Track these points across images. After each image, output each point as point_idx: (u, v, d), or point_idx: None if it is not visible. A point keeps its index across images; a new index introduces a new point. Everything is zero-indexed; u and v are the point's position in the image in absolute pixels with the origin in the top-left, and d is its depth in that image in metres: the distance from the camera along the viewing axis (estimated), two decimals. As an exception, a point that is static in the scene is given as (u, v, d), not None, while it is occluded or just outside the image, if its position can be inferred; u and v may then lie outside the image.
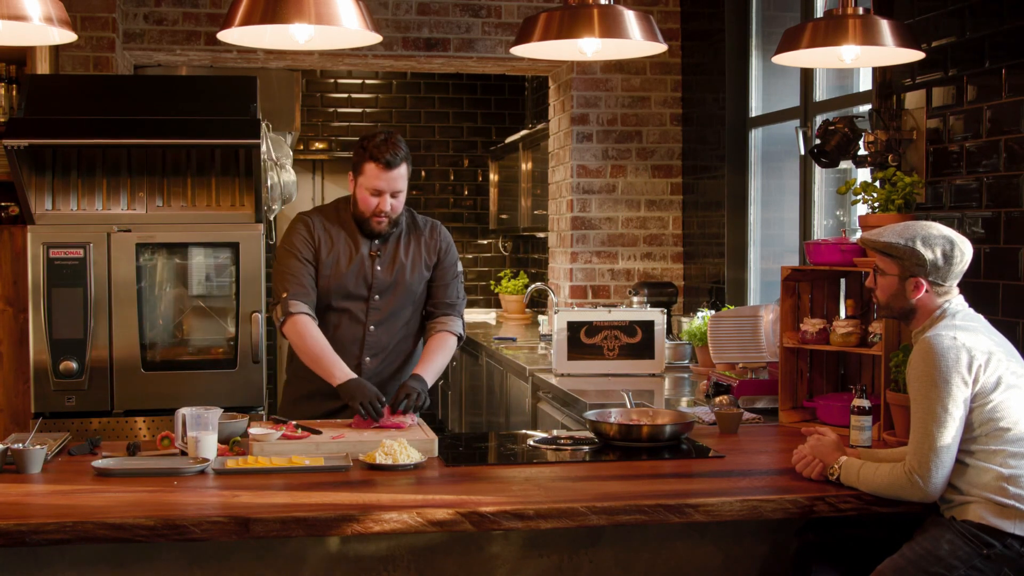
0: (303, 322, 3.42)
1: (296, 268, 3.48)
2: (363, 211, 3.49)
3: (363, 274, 3.53)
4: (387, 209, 3.48)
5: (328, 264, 3.51)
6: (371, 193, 3.46)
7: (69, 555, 2.63)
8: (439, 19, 5.68)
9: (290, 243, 3.53)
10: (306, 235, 3.53)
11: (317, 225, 3.55)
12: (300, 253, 3.50)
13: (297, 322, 3.42)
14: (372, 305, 3.55)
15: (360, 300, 3.54)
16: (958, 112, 3.56)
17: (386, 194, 3.46)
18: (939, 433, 2.59)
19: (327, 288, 3.52)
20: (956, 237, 2.80)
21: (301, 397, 3.58)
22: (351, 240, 3.55)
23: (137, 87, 4.86)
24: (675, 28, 5.85)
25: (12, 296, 4.75)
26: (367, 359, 3.55)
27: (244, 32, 3.03)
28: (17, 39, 3.08)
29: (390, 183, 3.45)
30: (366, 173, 3.45)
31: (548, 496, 2.66)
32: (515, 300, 7.79)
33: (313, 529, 2.49)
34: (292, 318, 3.42)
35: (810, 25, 3.38)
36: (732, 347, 4.18)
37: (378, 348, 3.58)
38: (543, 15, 3.25)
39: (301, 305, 3.44)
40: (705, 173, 5.65)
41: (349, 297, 3.54)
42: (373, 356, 3.57)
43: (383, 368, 3.59)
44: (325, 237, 3.54)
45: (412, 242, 3.62)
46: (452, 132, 8.61)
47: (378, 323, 3.56)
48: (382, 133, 3.52)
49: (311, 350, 3.42)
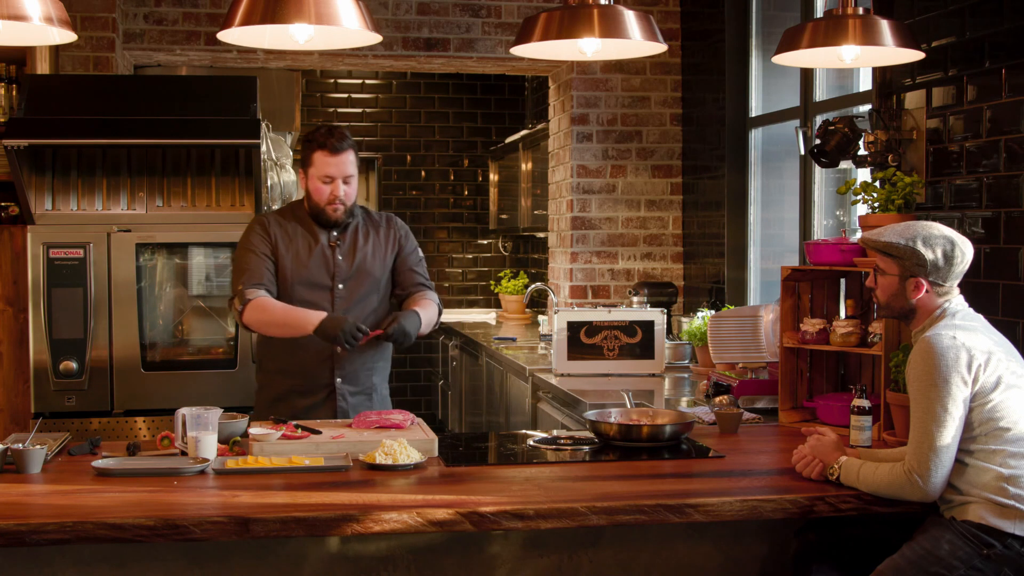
0: (261, 301, 3.45)
1: (251, 261, 3.52)
2: (318, 201, 3.54)
3: (325, 264, 3.57)
4: (341, 195, 3.52)
5: (288, 257, 3.55)
6: (323, 181, 3.51)
7: (69, 555, 2.63)
8: (439, 19, 5.68)
9: (246, 241, 3.57)
10: (261, 232, 3.57)
11: (272, 223, 3.60)
12: (256, 248, 3.54)
13: (255, 304, 3.45)
14: (337, 294, 3.58)
15: (324, 290, 3.57)
16: (958, 112, 3.56)
17: (338, 180, 3.51)
18: (939, 433, 2.59)
19: (290, 281, 3.54)
20: (957, 237, 2.80)
21: (274, 400, 3.58)
22: (309, 233, 3.59)
23: (137, 87, 4.87)
24: (675, 28, 5.85)
25: (12, 296, 4.75)
26: (338, 348, 3.57)
27: (244, 32, 3.03)
28: (17, 39, 3.08)
29: (340, 168, 3.50)
30: (315, 163, 3.51)
31: (548, 496, 2.65)
32: (515, 300, 7.79)
33: (313, 529, 2.49)
34: (250, 304, 3.45)
35: (810, 25, 3.38)
36: (732, 347, 4.18)
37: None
38: (543, 15, 3.25)
39: (256, 291, 3.47)
40: (705, 173, 5.65)
41: (313, 287, 3.56)
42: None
43: (354, 357, 3.61)
44: (282, 233, 3.58)
45: (371, 233, 3.66)
46: (452, 132, 8.61)
47: (346, 311, 3.58)
48: (324, 126, 3.60)
49: (277, 317, 3.45)
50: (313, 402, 3.56)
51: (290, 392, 3.57)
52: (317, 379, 3.56)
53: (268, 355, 3.64)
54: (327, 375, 3.56)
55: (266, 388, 3.63)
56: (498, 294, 8.17)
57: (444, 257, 8.64)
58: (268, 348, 3.63)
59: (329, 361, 3.55)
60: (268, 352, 3.64)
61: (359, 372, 3.63)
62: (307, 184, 3.55)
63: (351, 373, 3.60)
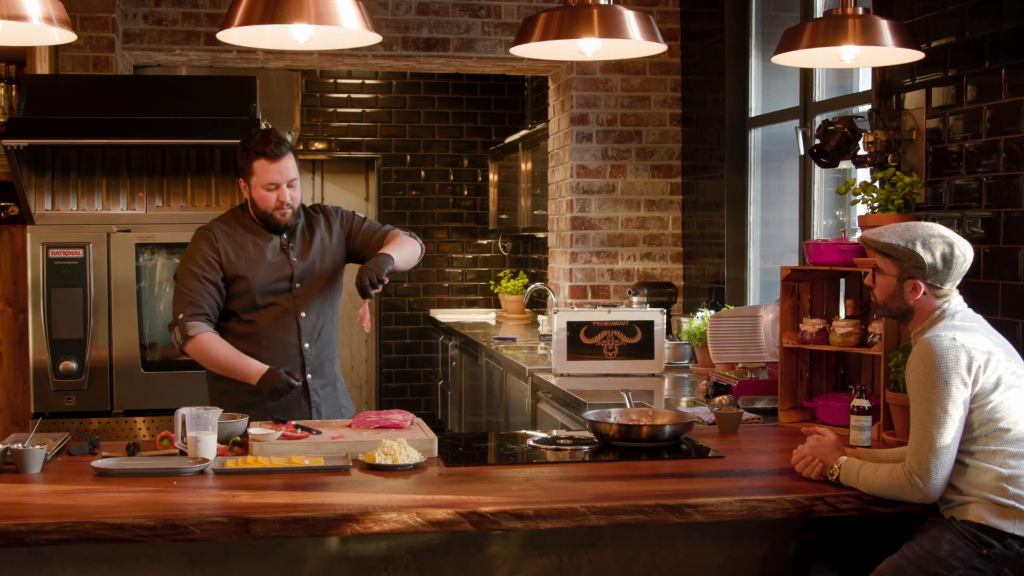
0: (203, 339, 3.43)
1: (193, 287, 3.47)
2: (265, 208, 3.51)
3: (281, 267, 3.56)
4: (287, 199, 3.50)
5: (242, 266, 3.52)
6: (267, 188, 3.48)
7: (69, 555, 2.64)
8: (439, 19, 5.68)
9: (190, 259, 3.52)
10: (207, 249, 3.52)
11: (219, 235, 3.55)
12: (200, 270, 3.48)
13: (198, 341, 3.42)
14: (296, 293, 3.58)
15: (284, 292, 3.57)
16: (958, 112, 3.56)
17: (282, 185, 3.49)
18: (939, 434, 2.59)
19: (249, 289, 3.52)
20: (957, 240, 2.79)
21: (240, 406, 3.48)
22: (259, 240, 3.57)
23: (137, 87, 4.87)
24: (675, 28, 5.85)
25: (12, 296, 4.75)
26: (306, 345, 3.59)
27: (244, 32, 3.03)
28: (17, 39, 3.08)
29: (283, 173, 3.48)
30: (257, 172, 3.47)
31: (548, 496, 2.66)
32: (515, 300, 7.80)
33: (313, 529, 2.49)
34: (191, 340, 3.43)
35: (810, 25, 3.38)
36: (732, 347, 4.18)
37: (313, 333, 3.61)
38: (543, 15, 3.25)
39: (199, 325, 3.44)
40: (705, 173, 5.65)
41: (273, 292, 3.55)
42: (311, 342, 3.60)
43: (320, 351, 3.63)
44: (230, 243, 3.54)
45: (316, 228, 3.66)
46: (452, 132, 8.61)
47: (308, 309, 3.59)
48: (257, 132, 3.56)
49: (218, 361, 3.45)
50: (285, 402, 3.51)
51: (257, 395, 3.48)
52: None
53: None
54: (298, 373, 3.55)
55: (229, 394, 3.54)
56: (498, 294, 8.17)
57: (444, 257, 8.64)
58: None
59: (299, 359, 3.57)
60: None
61: (324, 365, 3.65)
62: (250, 193, 3.52)
63: (318, 367, 3.63)
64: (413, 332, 8.59)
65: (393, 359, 8.58)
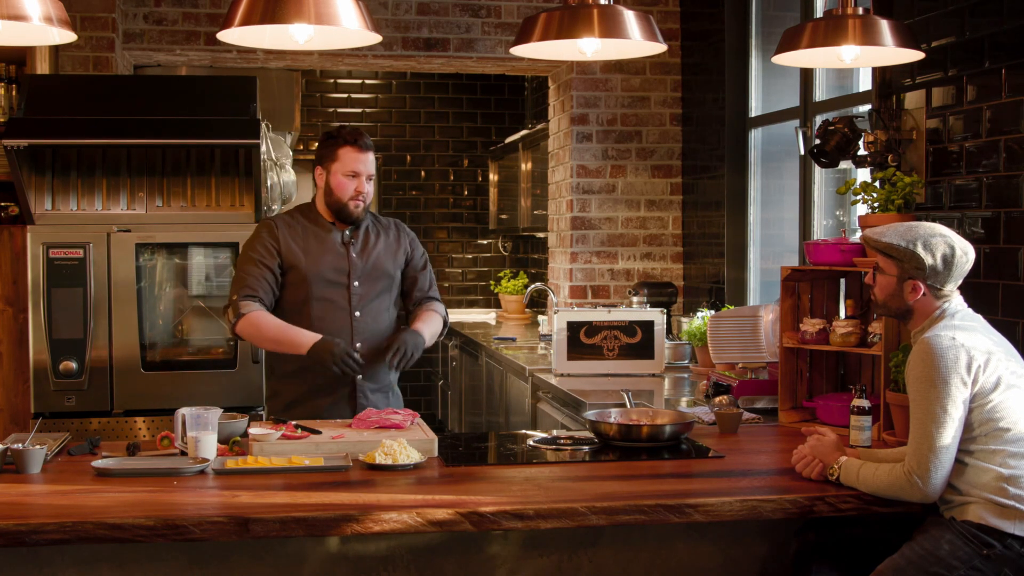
0: (255, 315, 3.48)
1: (251, 271, 3.53)
2: (340, 196, 3.56)
3: (340, 260, 3.59)
4: (364, 191, 3.56)
5: (302, 255, 3.56)
6: (348, 176, 3.54)
7: (69, 555, 2.64)
8: (439, 19, 5.68)
9: (250, 246, 3.59)
10: (267, 237, 3.58)
11: (280, 225, 3.61)
12: (258, 256, 3.55)
13: (249, 318, 3.47)
14: (353, 291, 3.59)
15: (341, 287, 3.58)
16: (958, 112, 3.56)
17: (362, 176, 3.55)
18: (938, 434, 2.59)
19: (305, 278, 3.56)
20: (959, 241, 2.79)
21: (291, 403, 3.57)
22: (322, 231, 3.61)
23: (137, 87, 4.87)
24: (675, 28, 5.85)
25: (12, 296, 4.75)
26: (358, 344, 3.58)
27: (244, 32, 3.03)
28: (17, 39, 3.08)
29: (366, 165, 3.56)
30: (342, 158, 3.54)
31: (548, 496, 2.65)
32: (515, 300, 7.80)
33: (313, 529, 2.49)
34: (243, 318, 3.47)
35: (810, 25, 3.38)
36: (732, 347, 4.17)
37: (367, 333, 3.61)
38: (543, 15, 3.25)
39: (251, 304, 3.49)
40: (705, 173, 5.65)
41: (329, 285, 3.57)
42: (363, 341, 3.60)
43: (373, 354, 3.62)
44: (291, 233, 3.59)
45: (381, 234, 3.71)
46: (452, 132, 8.61)
47: (363, 308, 3.60)
48: (347, 126, 3.64)
49: (269, 333, 3.49)
50: (333, 400, 3.57)
51: (309, 393, 3.56)
52: (340, 377, 3.53)
53: (282, 358, 3.61)
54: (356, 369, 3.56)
55: (281, 393, 3.63)
56: (498, 294, 8.17)
57: (444, 257, 8.64)
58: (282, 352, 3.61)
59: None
60: (282, 356, 3.60)
61: (379, 369, 3.62)
62: (328, 180, 3.56)
63: (371, 371, 3.60)
64: (413, 332, 8.58)
65: (393, 359, 8.56)
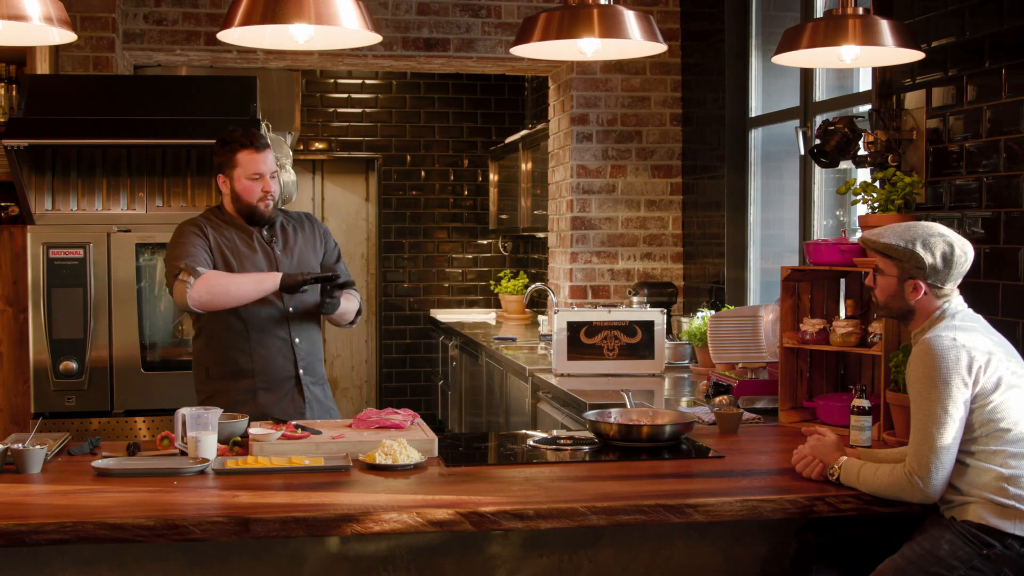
0: (210, 273, 3.44)
1: (191, 242, 3.50)
2: (249, 200, 3.55)
3: (268, 260, 3.59)
4: (271, 190, 3.56)
5: (232, 258, 3.55)
6: (252, 179, 3.54)
7: (69, 555, 2.64)
8: (439, 19, 5.68)
9: (181, 233, 3.55)
10: (196, 233, 3.55)
11: (204, 224, 3.59)
12: (194, 235, 3.52)
13: (207, 276, 3.42)
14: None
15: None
16: (958, 112, 3.56)
17: (266, 175, 3.55)
18: (939, 434, 2.59)
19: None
20: (957, 240, 2.79)
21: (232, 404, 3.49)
22: (242, 232, 3.60)
23: (137, 87, 4.87)
24: (675, 28, 5.85)
25: (12, 296, 4.75)
26: (296, 340, 3.59)
27: (244, 32, 3.03)
28: (17, 39, 3.08)
29: (267, 164, 3.56)
30: (241, 163, 3.53)
31: (548, 496, 2.66)
32: (515, 300, 7.80)
33: (313, 529, 2.49)
34: (201, 277, 3.41)
35: (810, 25, 3.38)
36: (732, 347, 4.18)
37: (302, 328, 3.63)
38: (543, 15, 3.25)
39: (201, 268, 3.45)
40: (705, 173, 5.65)
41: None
42: (301, 337, 3.61)
43: (310, 347, 3.65)
44: (217, 234, 3.58)
45: (297, 229, 3.71)
46: (452, 132, 8.61)
47: (295, 304, 3.60)
48: (236, 127, 3.63)
49: (234, 282, 3.45)
50: (278, 397, 3.56)
51: (250, 392, 3.53)
52: (281, 373, 3.57)
53: (217, 361, 3.59)
54: (291, 367, 3.58)
55: (219, 395, 3.55)
56: (498, 294, 8.17)
57: (444, 257, 8.64)
58: (217, 353, 3.59)
59: (291, 353, 3.58)
60: (217, 357, 3.59)
61: (314, 362, 3.67)
62: (232, 186, 3.55)
63: (309, 364, 3.64)
64: (413, 332, 8.59)
65: (393, 359, 8.57)
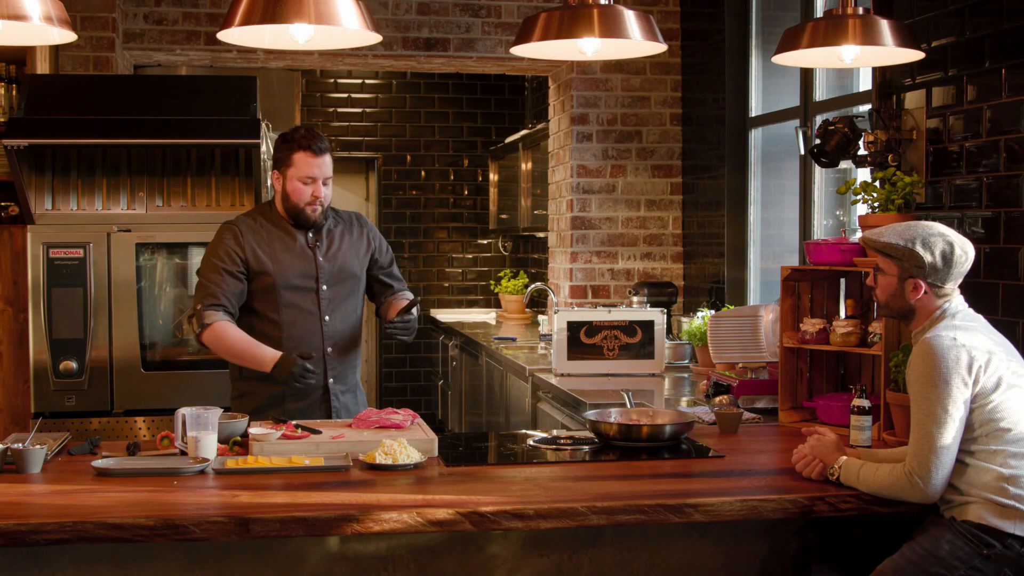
0: (219, 327, 3.43)
1: (214, 279, 3.47)
2: (297, 202, 3.52)
3: (307, 265, 3.56)
4: (321, 196, 3.53)
5: (270, 262, 3.52)
6: (304, 182, 3.50)
7: (69, 555, 2.64)
8: (439, 19, 5.68)
9: (213, 252, 3.52)
10: (231, 243, 3.51)
11: (244, 229, 3.55)
12: (221, 263, 3.48)
13: (214, 329, 3.42)
14: (322, 295, 3.57)
15: (309, 292, 3.56)
16: (958, 112, 3.56)
17: (319, 180, 3.51)
18: (939, 434, 2.59)
19: (273, 285, 3.52)
20: (957, 239, 2.79)
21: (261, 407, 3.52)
22: (286, 235, 3.57)
23: (137, 87, 4.87)
24: (675, 28, 5.85)
25: (12, 296, 4.75)
26: (329, 349, 3.58)
27: (244, 32, 3.03)
28: (17, 39, 3.08)
29: (322, 169, 3.51)
30: (296, 164, 3.49)
31: (548, 496, 2.66)
32: (515, 300, 7.80)
33: (313, 529, 2.49)
34: (208, 328, 3.42)
35: (810, 25, 3.38)
36: (732, 347, 4.18)
37: (337, 337, 3.61)
38: (543, 15, 3.25)
39: (215, 314, 3.43)
40: (705, 173, 5.65)
41: (298, 290, 3.54)
42: (334, 346, 3.60)
43: (344, 356, 3.63)
44: (255, 238, 3.54)
45: (345, 233, 3.67)
46: (452, 132, 8.61)
47: (332, 312, 3.58)
48: (301, 127, 3.59)
49: (233, 347, 3.44)
50: (307, 405, 3.55)
51: (278, 397, 3.52)
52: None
53: None
54: (321, 376, 3.55)
55: (249, 396, 3.56)
56: (498, 294, 8.17)
57: (444, 257, 8.64)
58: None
59: (323, 362, 3.56)
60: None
61: (347, 371, 3.65)
62: (284, 185, 3.53)
63: (341, 372, 3.62)
64: (413, 332, 8.58)
65: (393, 359, 8.57)
